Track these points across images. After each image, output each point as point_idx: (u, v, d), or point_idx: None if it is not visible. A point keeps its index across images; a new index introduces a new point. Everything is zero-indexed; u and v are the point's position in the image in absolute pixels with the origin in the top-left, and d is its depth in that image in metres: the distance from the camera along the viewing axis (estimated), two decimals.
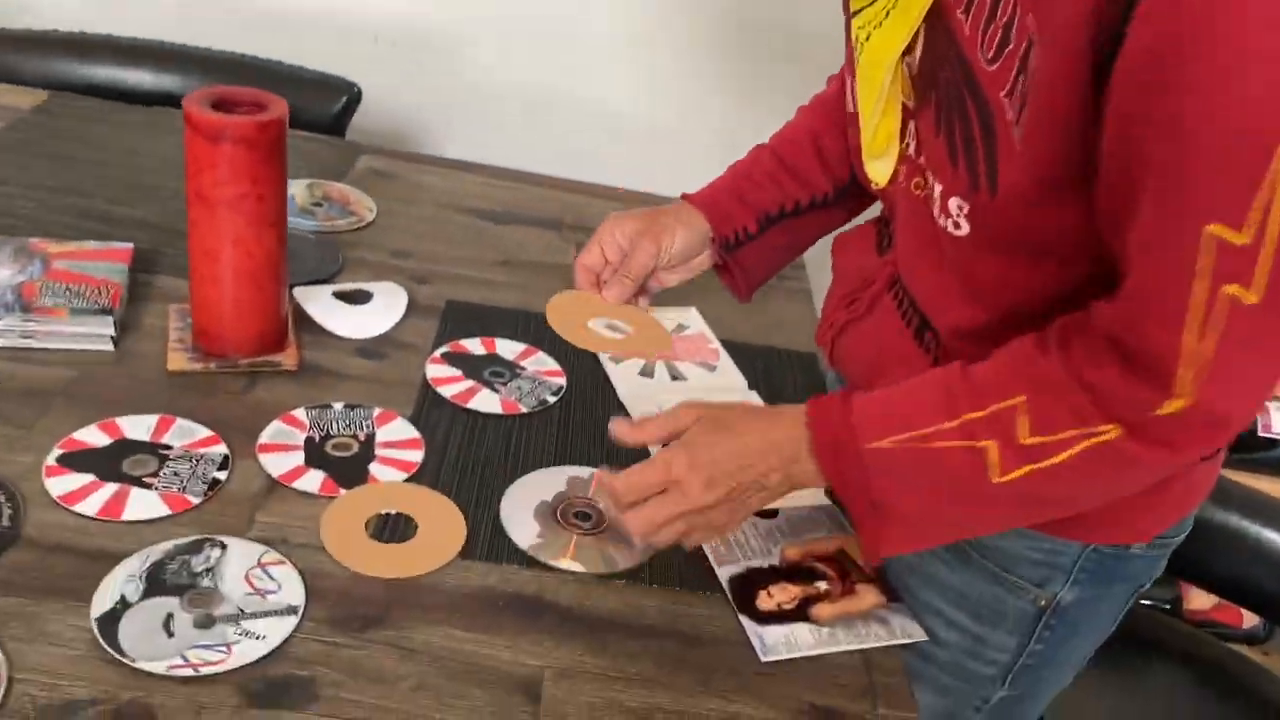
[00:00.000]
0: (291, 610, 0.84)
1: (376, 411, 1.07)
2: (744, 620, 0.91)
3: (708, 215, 1.05)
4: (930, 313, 0.89)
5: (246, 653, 0.81)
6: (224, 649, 0.81)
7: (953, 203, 0.79)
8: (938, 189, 0.81)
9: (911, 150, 0.86)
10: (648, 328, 1.03)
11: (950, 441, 0.76)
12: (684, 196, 1.07)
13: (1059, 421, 0.73)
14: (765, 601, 0.93)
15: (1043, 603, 0.91)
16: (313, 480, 0.97)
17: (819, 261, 1.19)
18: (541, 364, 1.18)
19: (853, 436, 0.79)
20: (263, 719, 0.77)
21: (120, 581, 0.84)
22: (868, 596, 0.94)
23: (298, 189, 1.42)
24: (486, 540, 0.95)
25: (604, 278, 1.04)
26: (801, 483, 0.84)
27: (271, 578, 0.87)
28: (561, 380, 1.16)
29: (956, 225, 0.80)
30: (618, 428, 0.90)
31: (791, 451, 0.83)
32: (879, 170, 0.91)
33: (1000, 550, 0.91)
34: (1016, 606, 0.92)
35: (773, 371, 1.25)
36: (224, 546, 0.89)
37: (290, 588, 0.86)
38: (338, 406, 1.06)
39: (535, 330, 1.24)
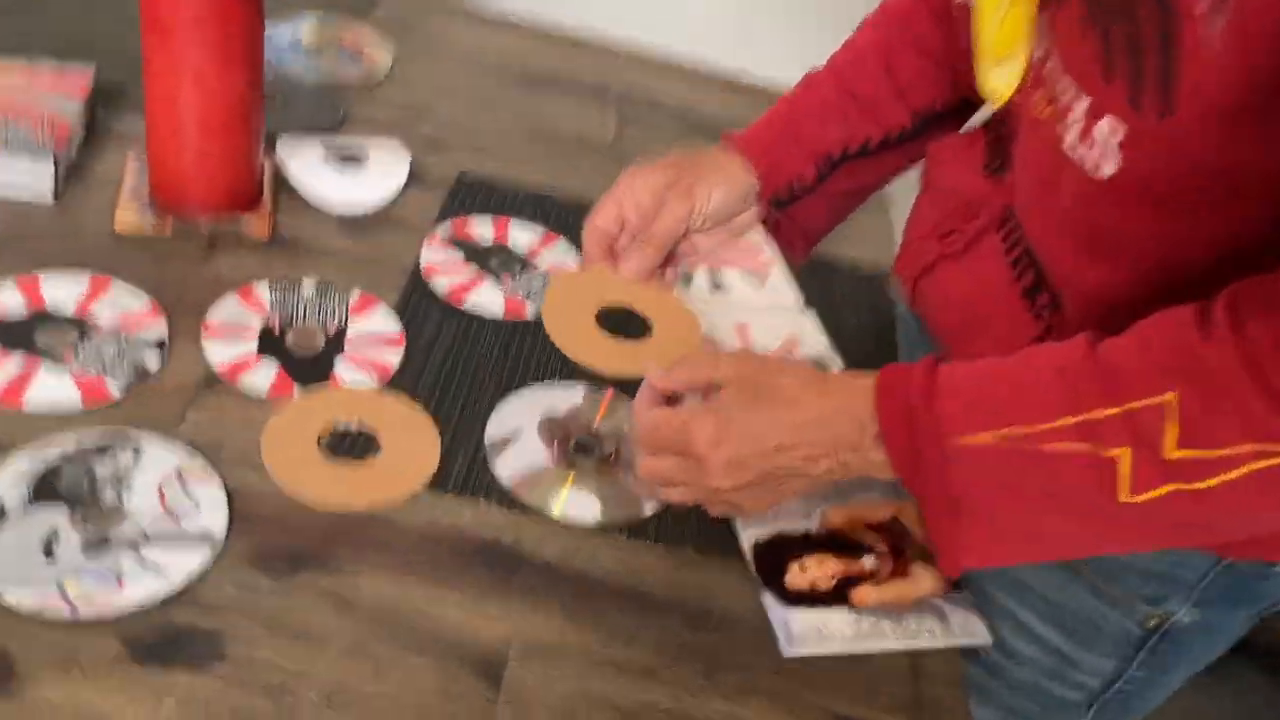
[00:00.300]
0: (207, 540, 0.68)
1: (354, 297, 0.89)
2: (767, 598, 0.74)
3: (754, 163, 0.84)
4: (1051, 267, 0.69)
5: (141, 591, 0.65)
6: (114, 582, 0.65)
7: (1102, 127, 0.60)
8: (1080, 107, 0.61)
9: (1038, 55, 0.66)
10: (674, 318, 0.81)
11: (1067, 444, 0.57)
12: (725, 138, 0.86)
13: (1222, 431, 0.53)
14: (796, 577, 0.75)
15: (1153, 623, 0.73)
16: (263, 375, 0.80)
17: None
18: (560, 258, 0.99)
19: (936, 425, 0.61)
20: (147, 680, 0.61)
21: (3, 485, 0.68)
22: (924, 581, 0.76)
23: (305, 27, 1.23)
24: (463, 470, 0.77)
25: (621, 245, 0.83)
26: (859, 473, 0.66)
27: (190, 496, 0.71)
28: None
29: (1102, 156, 0.60)
30: (650, 371, 0.72)
31: (849, 434, 0.64)
32: (1001, 80, 0.72)
33: (1107, 557, 0.72)
34: (1119, 625, 0.73)
35: (833, 290, 1.05)
36: (139, 450, 0.73)
37: (211, 510, 0.70)
38: (308, 288, 0.89)
39: (558, 217, 1.05)
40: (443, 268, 0.95)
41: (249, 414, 0.77)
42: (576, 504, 0.77)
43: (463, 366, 0.86)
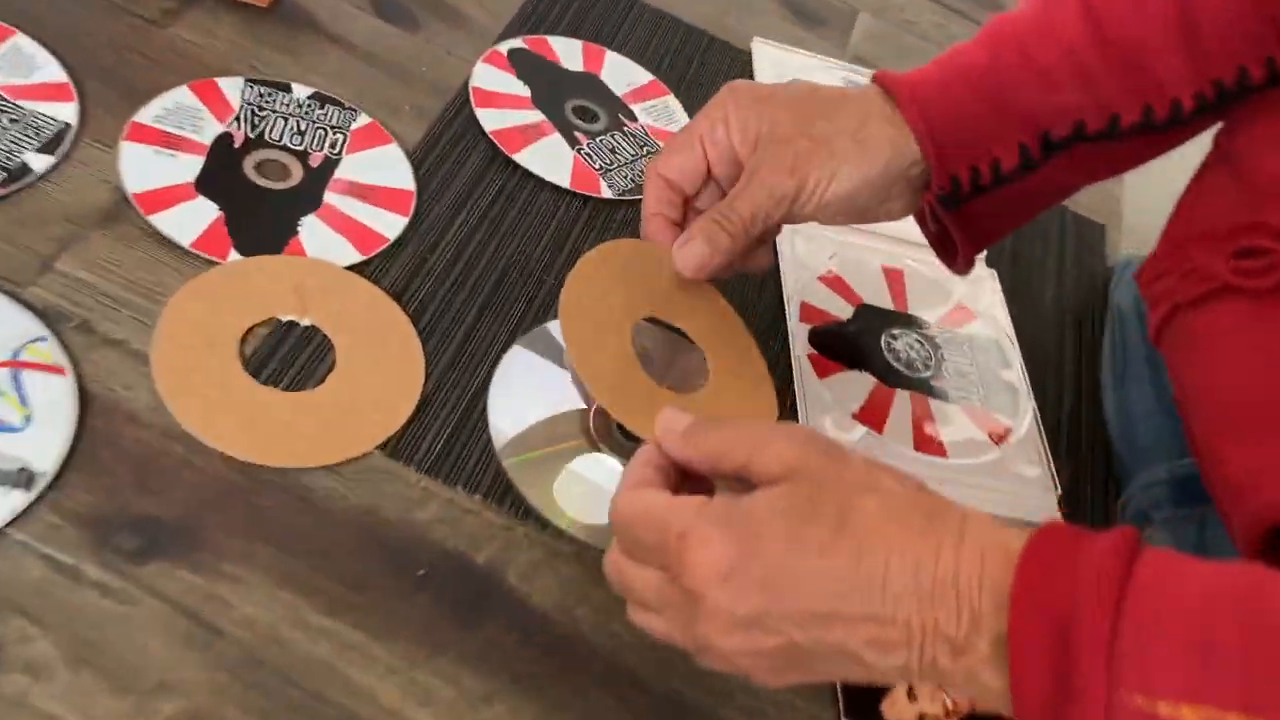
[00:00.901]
0: (25, 481, 0.44)
1: (360, 121, 0.62)
2: None
3: (922, 135, 0.50)
4: None
5: None
6: None
7: None
8: None
9: None
10: (733, 362, 0.52)
11: None
12: (883, 82, 0.51)
13: None
14: (900, 707, 0.50)
15: None
16: (193, 218, 0.54)
17: None
18: (666, 117, 0.71)
19: (1113, 665, 0.33)
20: None
21: None
22: None
23: None
24: (444, 432, 0.52)
25: (696, 205, 0.52)
26: (954, 687, 0.38)
27: (21, 398, 0.46)
28: None
29: None
30: (663, 421, 0.43)
31: (950, 623, 0.36)
32: None
33: None
34: None
35: (1031, 241, 0.76)
36: None
37: (47, 429, 0.46)
38: (300, 93, 0.62)
39: (678, 60, 0.75)
40: (499, 100, 0.67)
41: (154, 274, 0.52)
42: (598, 512, 0.52)
43: (490, 259, 0.59)
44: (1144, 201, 0.83)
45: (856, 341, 0.64)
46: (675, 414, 0.43)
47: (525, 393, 0.54)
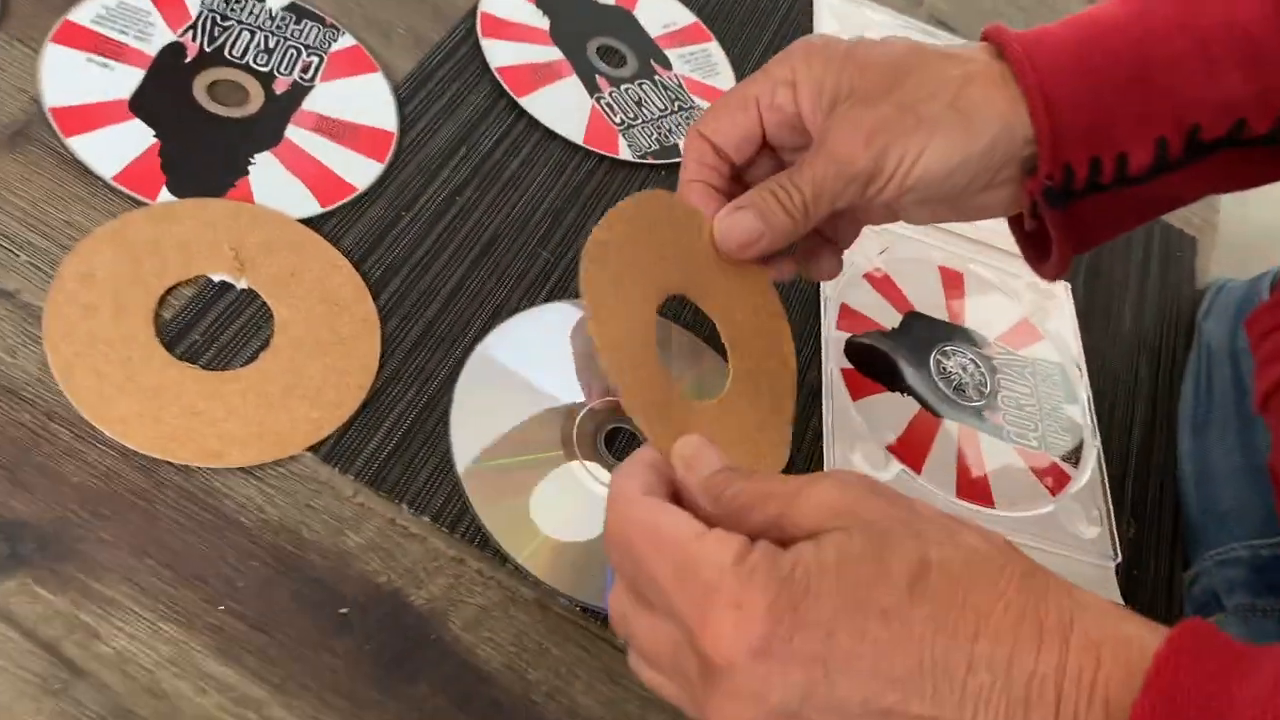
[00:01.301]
0: None
1: (342, 42, 0.52)
2: None
3: (1038, 109, 0.39)
4: None
5: None
6: None
7: None
8: None
9: None
10: (753, 376, 0.43)
11: None
12: (994, 36, 0.41)
13: None
14: None
15: None
16: (121, 145, 0.45)
17: None
18: (706, 68, 0.61)
19: None
20: None
21: None
22: None
23: None
24: (398, 431, 0.43)
25: (747, 180, 0.43)
26: None
27: None
28: None
29: None
30: (681, 454, 0.34)
31: None
32: None
33: None
34: None
35: (1110, 254, 0.65)
36: None
37: None
38: (275, 1, 0.52)
39: (726, 0, 0.65)
40: (511, 31, 0.57)
41: (64, 210, 0.43)
42: (568, 545, 0.43)
43: (478, 219, 0.50)
44: (1244, 211, 0.73)
45: (901, 357, 0.54)
46: (697, 447, 0.34)
47: (500, 393, 0.45)
